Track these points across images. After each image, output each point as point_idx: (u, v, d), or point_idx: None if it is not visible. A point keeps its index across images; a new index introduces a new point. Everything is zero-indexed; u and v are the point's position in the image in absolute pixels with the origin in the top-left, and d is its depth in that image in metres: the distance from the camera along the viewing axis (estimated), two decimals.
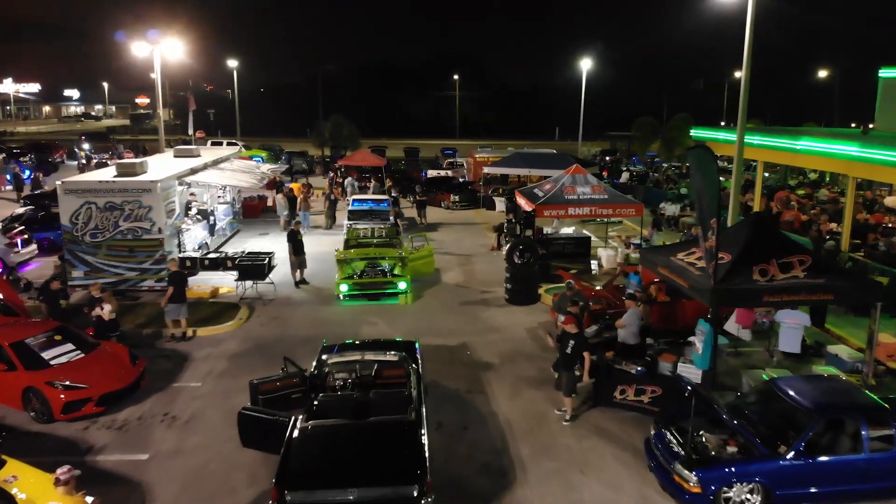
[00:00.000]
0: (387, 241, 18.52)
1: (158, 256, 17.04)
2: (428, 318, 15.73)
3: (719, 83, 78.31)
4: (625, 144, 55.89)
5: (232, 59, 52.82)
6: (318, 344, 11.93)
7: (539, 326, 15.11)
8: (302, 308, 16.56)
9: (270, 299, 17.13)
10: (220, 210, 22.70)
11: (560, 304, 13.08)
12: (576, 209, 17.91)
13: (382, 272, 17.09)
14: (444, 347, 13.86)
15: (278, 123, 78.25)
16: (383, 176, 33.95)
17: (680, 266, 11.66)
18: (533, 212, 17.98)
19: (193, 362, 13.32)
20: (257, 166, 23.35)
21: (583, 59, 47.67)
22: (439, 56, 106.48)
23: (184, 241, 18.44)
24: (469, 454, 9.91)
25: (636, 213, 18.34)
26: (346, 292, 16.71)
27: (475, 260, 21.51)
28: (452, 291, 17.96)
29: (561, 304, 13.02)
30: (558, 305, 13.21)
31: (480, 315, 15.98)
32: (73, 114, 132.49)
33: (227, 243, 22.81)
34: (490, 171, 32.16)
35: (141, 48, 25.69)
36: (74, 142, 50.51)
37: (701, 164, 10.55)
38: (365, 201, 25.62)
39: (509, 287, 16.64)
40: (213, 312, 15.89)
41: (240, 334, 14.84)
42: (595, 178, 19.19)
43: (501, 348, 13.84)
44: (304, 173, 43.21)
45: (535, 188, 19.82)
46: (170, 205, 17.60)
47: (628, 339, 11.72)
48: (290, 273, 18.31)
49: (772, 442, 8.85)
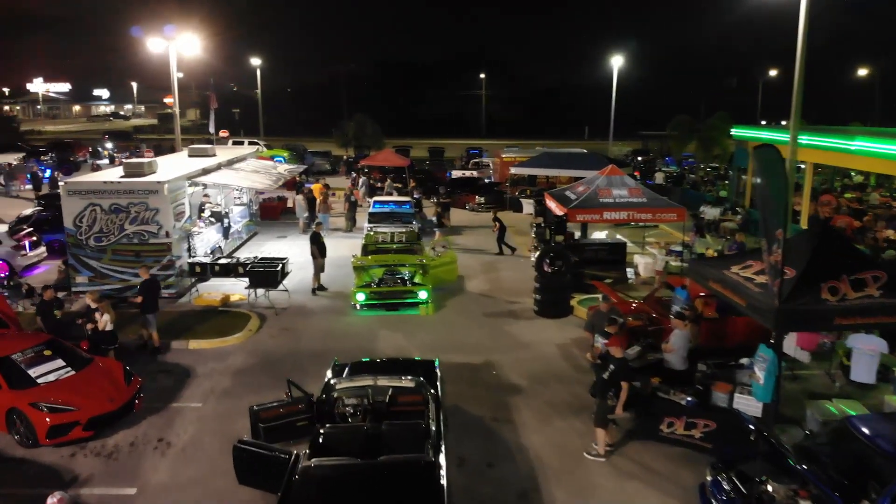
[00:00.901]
0: (407, 247, 17.36)
1: (166, 262, 16.16)
2: (450, 332, 14.54)
3: (752, 81, 76.00)
4: (657, 144, 54.04)
5: (256, 59, 52.22)
6: (329, 360, 10.93)
7: (572, 343, 13.81)
8: (315, 318, 15.48)
9: (283, 308, 16.09)
10: (235, 212, 21.79)
11: (594, 321, 11.78)
12: (612, 213, 16.54)
13: (402, 280, 15.96)
14: (467, 366, 12.65)
15: (304, 123, 77.85)
16: (407, 177, 32.87)
17: (736, 281, 10.28)
18: (564, 216, 16.66)
19: (196, 379, 12.31)
20: (274, 166, 22.39)
21: (614, 55, 46.17)
22: (464, 54, 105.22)
23: (195, 244, 17.51)
24: (494, 496, 8.70)
25: (678, 218, 16.91)
26: (363, 302, 15.60)
27: (501, 266, 20.27)
28: (477, 301, 16.75)
29: (595, 321, 11.72)
30: (592, 323, 11.90)
31: (507, 328, 14.73)
32: (103, 113, 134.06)
33: (242, 247, 21.89)
34: (517, 171, 30.85)
35: (156, 44, 24.91)
36: (98, 141, 50.38)
37: (767, 166, 9.18)
38: (386, 203, 24.56)
39: (538, 298, 15.37)
40: (222, 323, 14.90)
41: (248, 347, 13.81)
42: (632, 179, 17.80)
43: (530, 368, 12.58)
44: (327, 173, 42.44)
45: (567, 190, 18.50)
46: (179, 207, 16.68)
47: (676, 364, 10.39)
48: (313, 278, 17.33)
49: (850, 494, 7.47)
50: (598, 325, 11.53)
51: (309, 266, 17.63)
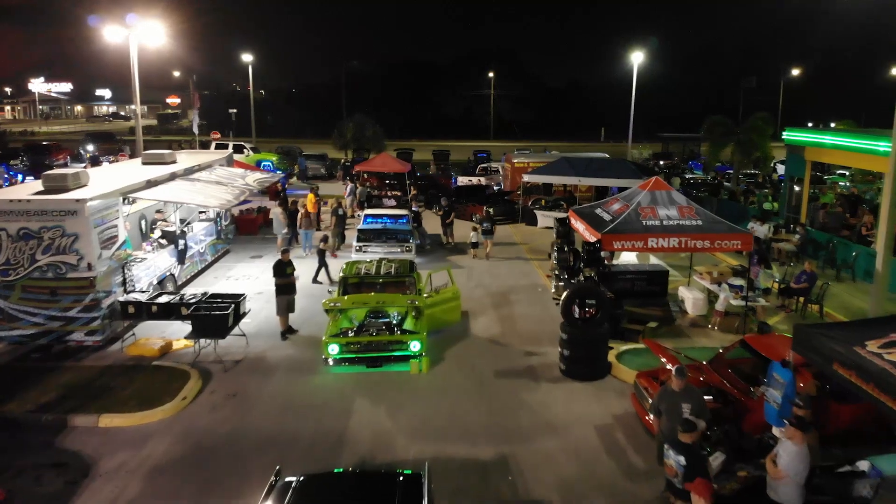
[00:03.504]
0: (397, 280, 13.72)
1: (89, 301, 12.65)
2: (450, 403, 10.91)
3: (772, 81, 72.11)
4: (679, 146, 50.22)
5: (247, 55, 48.91)
6: (282, 449, 7.73)
7: (616, 423, 10.16)
8: (275, 378, 11.91)
9: (237, 360, 12.55)
10: (198, 229, 18.26)
11: (663, 405, 8.14)
12: (659, 240, 12.83)
13: (388, 326, 12.35)
14: (472, 466, 9.02)
15: (308, 123, 74.46)
16: (407, 184, 29.30)
17: (881, 369, 6.69)
18: (598, 243, 13.00)
19: (95, 482, 8.77)
20: (244, 175, 18.83)
21: (633, 52, 42.47)
22: (472, 51, 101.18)
23: (135, 276, 14.01)
24: None
25: (743, 247, 13.19)
26: (336, 355, 11.99)
27: (515, 297, 16.64)
28: (485, 351, 13.12)
29: (664, 405, 8.10)
30: (658, 408, 8.27)
31: (526, 398, 11.08)
32: (104, 113, 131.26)
33: (207, 270, 18.38)
34: (531, 179, 27.20)
35: (114, 33, 21.51)
36: (80, 142, 47.11)
37: None
38: (379, 217, 21.02)
39: (567, 354, 11.72)
40: (151, 384, 11.35)
41: (176, 426, 10.24)
42: (682, 195, 14.09)
43: (562, 471, 8.90)
44: (321, 179, 38.93)
45: (599, 208, 14.83)
46: (108, 231, 13.16)
47: (790, 498, 6.72)
48: (279, 318, 13.81)
49: None
50: (668, 413, 7.94)
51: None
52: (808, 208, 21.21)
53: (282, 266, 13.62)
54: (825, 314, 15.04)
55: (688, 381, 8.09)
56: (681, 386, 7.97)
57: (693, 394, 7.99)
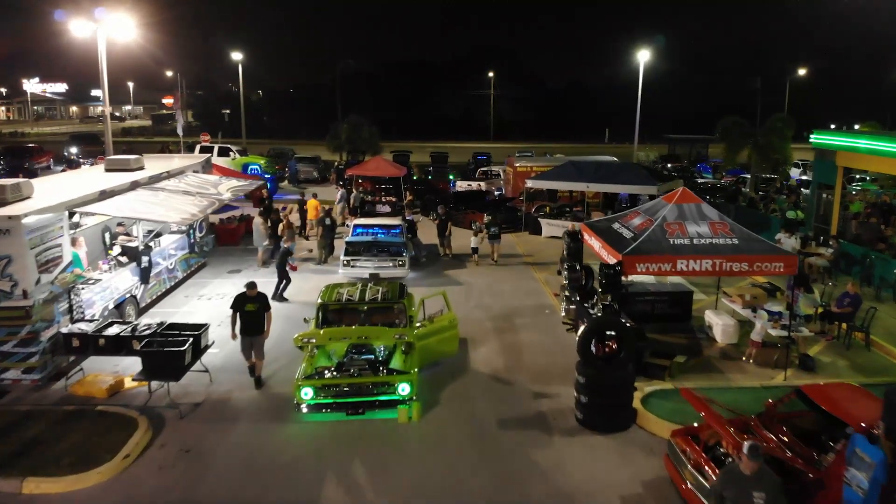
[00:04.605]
0: (384, 305, 11.86)
1: (25, 334, 10.84)
2: (444, 465, 9.06)
3: (778, 81, 70.22)
4: (686, 148, 48.35)
5: (237, 54, 47.13)
6: None
7: (646, 492, 8.33)
8: (239, 427, 10.08)
9: (196, 403, 10.73)
10: (167, 242, 16.42)
11: (727, 491, 6.27)
12: (689, 262, 10.99)
13: (372, 365, 10.52)
14: None
15: (304, 124, 72.58)
16: (402, 189, 27.45)
17: None
18: (619, 265, 11.16)
19: None
20: (217, 184, 16.99)
21: (637, 52, 40.86)
22: (472, 51, 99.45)
23: (84, 301, 12.19)
24: None
25: (786, 270, 11.34)
26: (310, 401, 10.15)
27: (520, 321, 14.82)
28: (487, 392, 11.29)
29: (729, 492, 6.23)
30: (721, 493, 6.39)
31: (537, 458, 9.23)
32: (98, 114, 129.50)
33: (176, 289, 16.56)
34: (534, 184, 25.36)
35: (81, 27, 19.73)
36: (63, 144, 45.29)
37: None
38: (369, 228, 19.22)
39: (584, 401, 9.88)
40: (91, 436, 9.53)
41: (114, 493, 8.42)
42: (713, 208, 12.24)
43: None
44: (314, 182, 37.12)
45: (616, 222, 12.99)
46: (49, 252, 11.35)
47: None
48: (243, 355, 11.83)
49: None
50: (735, 503, 6.11)
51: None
52: (839, 217, 19.40)
53: (243, 301, 11.23)
54: (871, 342, 13.23)
55: (761, 464, 6.21)
56: (753, 469, 6.12)
57: (768, 480, 6.14)
